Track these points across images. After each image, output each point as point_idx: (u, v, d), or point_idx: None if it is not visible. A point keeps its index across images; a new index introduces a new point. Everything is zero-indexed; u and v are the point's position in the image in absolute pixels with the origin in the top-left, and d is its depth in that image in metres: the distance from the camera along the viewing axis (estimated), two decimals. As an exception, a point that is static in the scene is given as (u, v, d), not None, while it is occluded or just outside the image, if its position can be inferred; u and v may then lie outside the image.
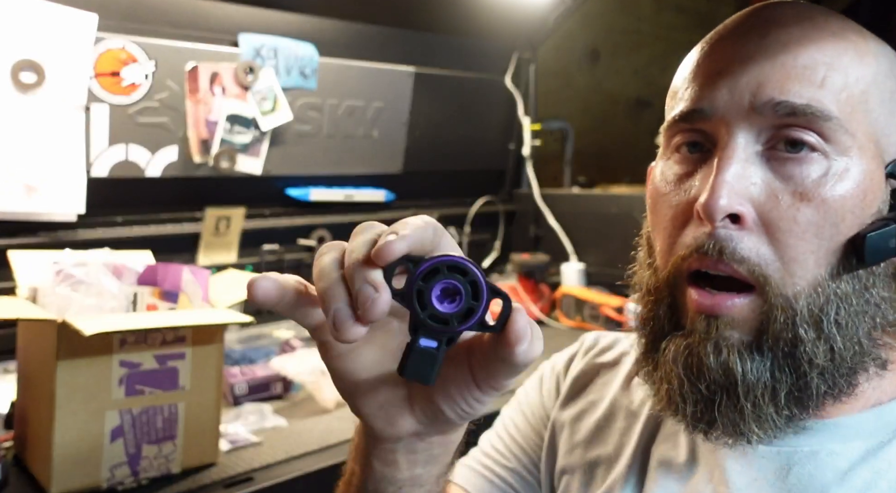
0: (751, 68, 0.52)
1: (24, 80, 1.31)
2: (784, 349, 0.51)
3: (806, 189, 0.51)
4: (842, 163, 0.51)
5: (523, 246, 2.19)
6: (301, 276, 0.45)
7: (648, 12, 3.11)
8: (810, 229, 0.51)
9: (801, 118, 0.51)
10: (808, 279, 0.51)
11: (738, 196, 0.51)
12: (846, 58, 0.52)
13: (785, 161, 0.52)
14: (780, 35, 0.52)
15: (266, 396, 1.34)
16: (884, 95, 0.53)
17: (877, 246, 0.51)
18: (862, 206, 0.51)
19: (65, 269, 1.05)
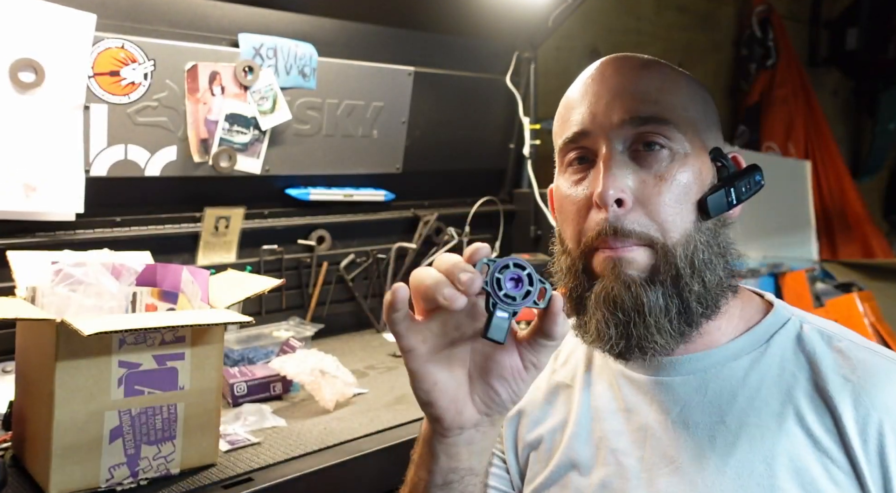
0: (613, 98, 0.76)
1: (23, 80, 1.31)
2: (671, 283, 0.73)
3: (662, 172, 0.74)
4: (681, 152, 0.75)
5: (523, 246, 2.19)
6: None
7: (648, 12, 3.11)
8: (671, 199, 0.74)
9: (649, 126, 0.75)
10: (679, 233, 0.74)
11: (619, 186, 0.73)
12: (668, 84, 0.78)
13: (645, 156, 0.75)
14: (625, 76, 0.78)
15: (265, 396, 1.33)
16: (697, 106, 0.78)
17: (715, 204, 0.75)
18: (700, 179, 0.76)
19: (64, 269, 1.05)
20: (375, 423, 1.22)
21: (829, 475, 0.70)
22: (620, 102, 0.76)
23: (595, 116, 0.76)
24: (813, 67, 4.02)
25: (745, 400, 0.75)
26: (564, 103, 0.82)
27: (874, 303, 2.39)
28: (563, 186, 0.79)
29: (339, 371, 1.34)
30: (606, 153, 0.75)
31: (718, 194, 0.75)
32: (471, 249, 0.65)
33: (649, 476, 0.76)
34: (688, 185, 0.74)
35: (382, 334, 1.85)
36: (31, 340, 1.02)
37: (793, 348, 0.77)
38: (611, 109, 0.76)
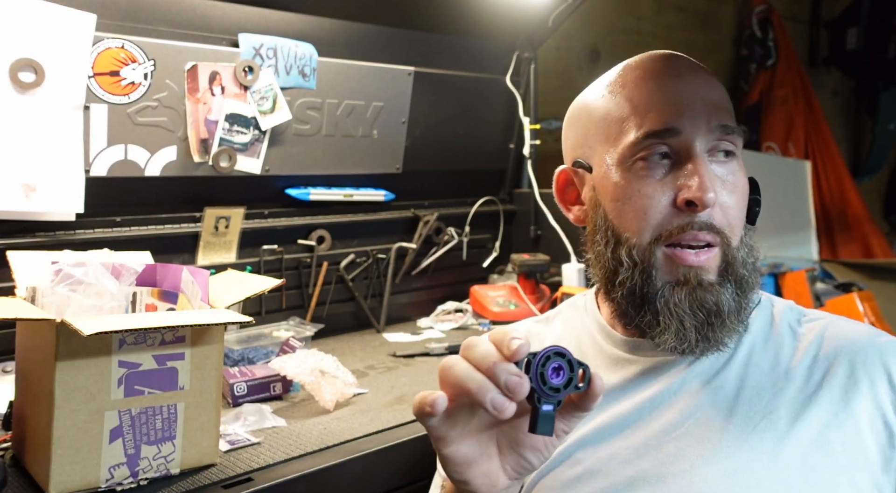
0: (705, 103, 0.79)
1: (23, 80, 1.31)
2: (736, 282, 0.79)
3: (733, 180, 0.80)
4: (741, 162, 0.82)
5: (523, 246, 2.19)
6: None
7: (648, 12, 3.11)
8: (736, 205, 0.80)
9: (730, 135, 0.80)
10: (737, 236, 0.80)
11: (716, 190, 0.77)
12: (726, 94, 0.83)
13: (722, 163, 0.80)
14: (704, 80, 0.82)
15: (265, 396, 1.33)
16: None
17: (755, 209, 0.84)
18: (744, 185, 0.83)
19: (64, 269, 1.05)
20: (375, 423, 1.22)
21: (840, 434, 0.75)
22: (712, 107, 0.79)
23: (688, 116, 0.78)
24: (813, 67, 4.02)
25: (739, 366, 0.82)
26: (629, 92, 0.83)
27: (874, 303, 2.39)
28: (633, 179, 0.80)
29: (339, 371, 1.34)
30: (700, 155, 0.78)
31: (753, 201, 0.84)
32: (511, 344, 0.60)
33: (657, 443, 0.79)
34: (746, 193, 0.82)
35: (382, 334, 1.85)
36: (31, 340, 1.02)
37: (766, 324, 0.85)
38: (705, 114, 0.79)
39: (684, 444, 0.78)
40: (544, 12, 2.08)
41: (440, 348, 1.66)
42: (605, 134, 0.83)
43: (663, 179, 0.79)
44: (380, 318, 1.89)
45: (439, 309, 1.97)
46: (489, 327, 1.91)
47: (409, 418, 1.25)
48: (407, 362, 1.61)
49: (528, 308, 1.94)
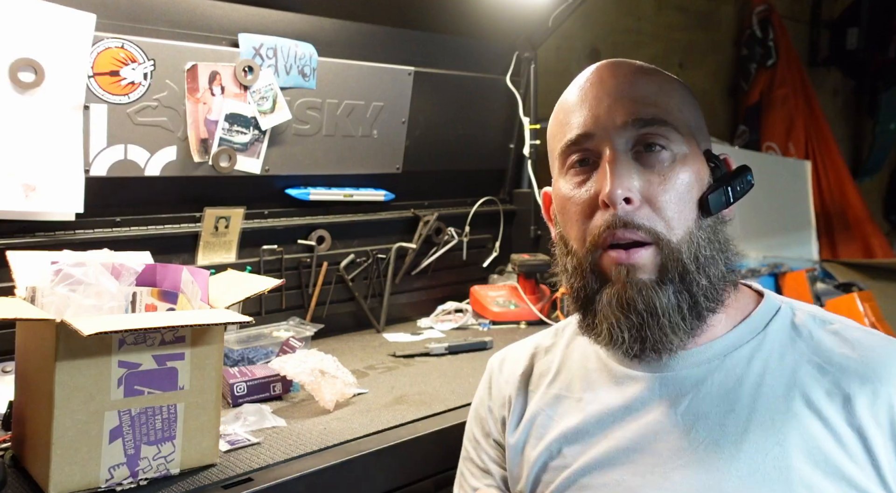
0: (614, 101, 0.79)
1: (22, 80, 1.31)
2: (679, 280, 0.76)
3: (664, 172, 0.78)
4: (680, 152, 0.79)
5: (523, 246, 2.19)
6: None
7: (648, 12, 3.10)
8: (673, 198, 0.77)
9: (650, 127, 0.78)
10: (683, 230, 0.77)
11: (626, 186, 0.76)
12: (664, 87, 0.82)
13: (647, 157, 0.78)
14: (623, 80, 0.81)
15: (265, 396, 1.33)
16: (690, 109, 0.82)
17: (715, 202, 0.80)
18: (699, 178, 0.80)
19: (63, 269, 1.05)
20: (375, 423, 1.22)
21: (843, 452, 0.72)
22: (622, 104, 0.79)
23: (597, 118, 0.79)
24: (813, 67, 4.02)
25: (751, 387, 0.77)
26: (561, 108, 0.85)
27: (874, 303, 2.39)
28: (565, 188, 0.82)
29: (339, 371, 1.34)
30: (611, 154, 0.77)
31: (717, 193, 0.79)
32: None
33: (664, 471, 0.77)
34: (689, 184, 0.78)
35: (382, 334, 1.85)
36: (31, 340, 1.02)
37: (789, 334, 0.80)
38: (613, 112, 0.78)
39: (691, 472, 0.75)
40: (544, 12, 2.08)
41: (440, 348, 1.65)
42: (551, 150, 0.87)
43: (587, 184, 0.80)
44: (380, 318, 1.89)
45: (439, 309, 1.97)
46: (489, 326, 1.91)
47: (409, 418, 1.25)
48: (407, 362, 1.61)
49: (528, 308, 1.94)
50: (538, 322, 1.94)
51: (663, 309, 0.75)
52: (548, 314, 1.97)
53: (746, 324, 0.82)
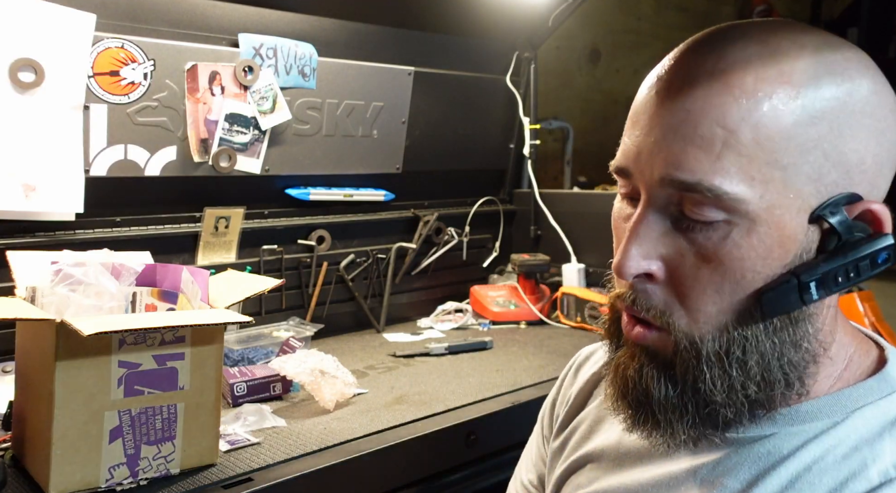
0: (658, 139, 0.56)
1: (22, 80, 1.31)
2: (689, 382, 0.58)
3: (707, 252, 0.56)
4: (744, 226, 0.54)
5: (523, 246, 2.19)
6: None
7: (649, 12, 3.11)
8: (711, 286, 0.56)
9: (696, 195, 0.54)
10: (712, 325, 0.57)
11: (647, 257, 0.58)
12: (756, 115, 0.53)
13: (691, 226, 0.56)
14: (688, 98, 0.55)
15: (265, 396, 1.33)
16: (806, 144, 0.54)
17: (774, 302, 0.56)
18: (766, 262, 0.55)
19: (63, 269, 1.05)
20: (375, 423, 1.22)
21: None
22: (665, 146, 0.55)
23: (639, 157, 0.58)
24: (813, 67, 4.02)
25: (784, 478, 0.58)
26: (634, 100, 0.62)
27: (874, 303, 2.39)
28: (616, 207, 0.65)
29: (339, 371, 1.34)
30: (641, 211, 0.58)
31: (781, 289, 0.55)
32: None
33: None
34: (740, 271, 0.55)
35: (382, 334, 1.85)
36: (31, 340, 1.02)
37: (879, 429, 0.57)
38: (654, 155, 0.56)
39: None
40: (544, 12, 2.08)
41: (440, 348, 1.66)
42: None
43: (631, 219, 0.60)
44: (380, 318, 1.89)
45: (439, 309, 1.97)
46: (489, 326, 1.91)
47: (409, 418, 1.25)
48: (407, 362, 1.61)
49: (528, 308, 1.94)
50: (538, 322, 1.94)
51: (661, 406, 0.59)
52: (548, 314, 1.97)
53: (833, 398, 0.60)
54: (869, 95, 0.55)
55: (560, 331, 1.88)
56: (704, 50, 0.56)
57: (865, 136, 0.55)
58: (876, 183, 0.56)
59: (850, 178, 0.55)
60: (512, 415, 1.32)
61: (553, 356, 1.61)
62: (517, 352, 1.67)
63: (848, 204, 0.55)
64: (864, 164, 0.55)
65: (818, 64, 0.54)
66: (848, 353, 0.62)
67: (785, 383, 0.57)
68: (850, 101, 0.54)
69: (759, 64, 0.54)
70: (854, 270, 0.55)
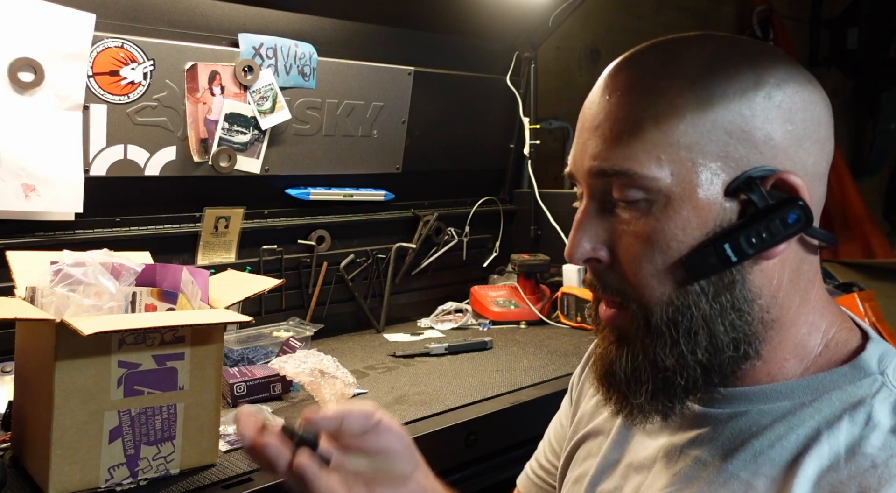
0: (587, 140, 0.65)
1: (22, 80, 1.31)
2: (644, 352, 0.63)
3: (636, 228, 0.62)
4: (661, 201, 0.61)
5: (523, 246, 2.19)
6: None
7: (649, 11, 3.10)
8: (645, 259, 0.62)
9: (614, 178, 0.62)
10: (656, 296, 0.62)
11: (591, 241, 0.65)
12: (655, 106, 0.61)
13: (622, 208, 0.63)
14: (605, 103, 0.64)
15: (265, 396, 1.33)
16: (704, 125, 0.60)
17: (695, 266, 0.61)
18: (686, 231, 0.61)
19: (63, 269, 1.05)
20: (375, 423, 1.22)
21: None
22: (589, 146, 0.64)
23: (575, 159, 0.67)
24: (813, 67, 4.02)
25: (750, 453, 0.62)
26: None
27: (875, 303, 2.39)
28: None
29: (339, 371, 1.34)
30: (583, 207, 0.66)
31: (700, 253, 0.60)
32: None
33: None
34: (664, 241, 0.61)
35: (382, 334, 1.85)
36: (31, 340, 1.02)
37: (840, 411, 0.61)
38: (583, 154, 0.65)
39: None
40: (544, 12, 2.08)
41: (440, 348, 1.65)
42: None
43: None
44: (380, 318, 1.89)
45: (439, 309, 1.97)
46: (489, 326, 1.91)
47: (409, 417, 1.24)
48: (407, 362, 1.61)
49: (528, 308, 1.94)
50: (538, 322, 1.94)
51: (621, 378, 0.64)
52: (548, 314, 1.97)
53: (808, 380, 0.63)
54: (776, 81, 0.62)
55: (560, 331, 1.88)
56: (621, 65, 0.66)
57: (770, 115, 0.61)
58: (796, 156, 0.62)
59: (761, 152, 0.60)
60: (512, 415, 1.32)
61: (553, 356, 1.61)
62: (517, 352, 1.67)
63: (762, 177, 0.60)
64: (773, 140, 0.60)
65: (714, 59, 0.62)
66: (825, 339, 0.66)
67: (733, 348, 0.62)
68: (747, 86, 0.61)
69: (659, 65, 0.63)
70: (766, 231, 0.60)
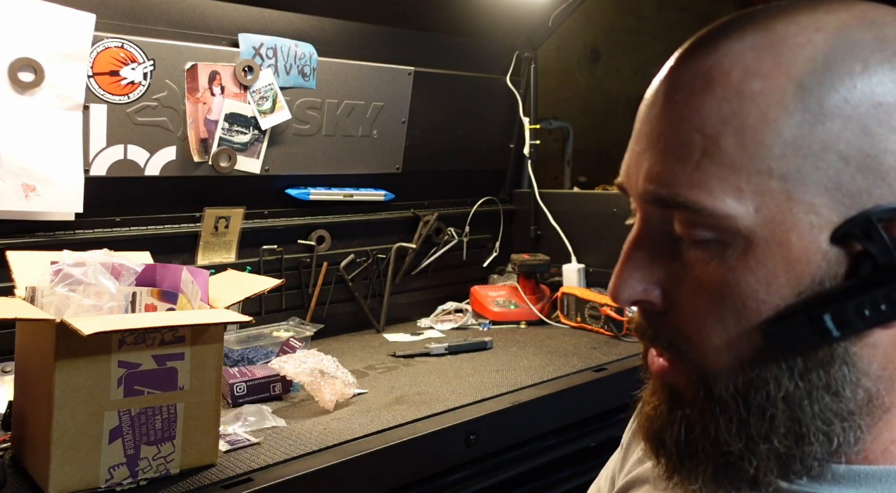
0: (641, 150, 0.49)
1: (22, 80, 1.31)
2: (703, 426, 0.49)
3: (702, 276, 0.47)
4: (739, 246, 0.46)
5: (523, 246, 2.19)
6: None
7: (649, 12, 3.10)
8: (712, 316, 0.48)
9: (680, 212, 0.47)
10: (723, 361, 0.48)
11: (642, 281, 0.50)
12: (741, 117, 0.45)
13: (686, 247, 0.48)
14: (673, 104, 0.48)
15: (265, 396, 1.33)
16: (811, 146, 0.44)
17: (780, 337, 0.46)
18: (771, 288, 0.46)
19: (63, 269, 1.05)
20: (375, 423, 1.22)
21: None
22: (648, 159, 0.49)
23: (628, 170, 0.52)
24: (813, 67, 4.02)
25: None
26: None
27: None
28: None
29: (339, 371, 1.34)
30: (635, 232, 0.51)
31: (789, 322, 0.45)
32: None
33: None
34: (740, 298, 0.46)
35: (382, 334, 1.85)
36: (31, 340, 1.02)
37: None
38: (638, 169, 0.50)
39: None
40: (544, 12, 2.08)
41: (440, 348, 1.65)
42: None
43: None
44: (380, 318, 1.89)
45: (439, 309, 1.97)
46: (489, 326, 1.91)
47: (409, 418, 1.24)
48: (407, 362, 1.61)
49: (528, 308, 1.94)
50: (538, 322, 1.94)
51: (669, 446, 0.51)
52: (548, 314, 1.97)
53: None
54: None
55: (560, 331, 1.88)
56: (697, 47, 0.49)
57: None
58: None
59: (889, 185, 0.44)
60: (512, 415, 1.32)
61: (553, 356, 1.61)
62: (517, 352, 1.67)
63: (888, 219, 0.44)
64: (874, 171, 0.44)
65: (834, 47, 0.44)
66: None
67: (825, 439, 0.47)
68: (881, 91, 0.43)
69: (752, 56, 0.45)
70: (887, 301, 0.44)
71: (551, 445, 1.38)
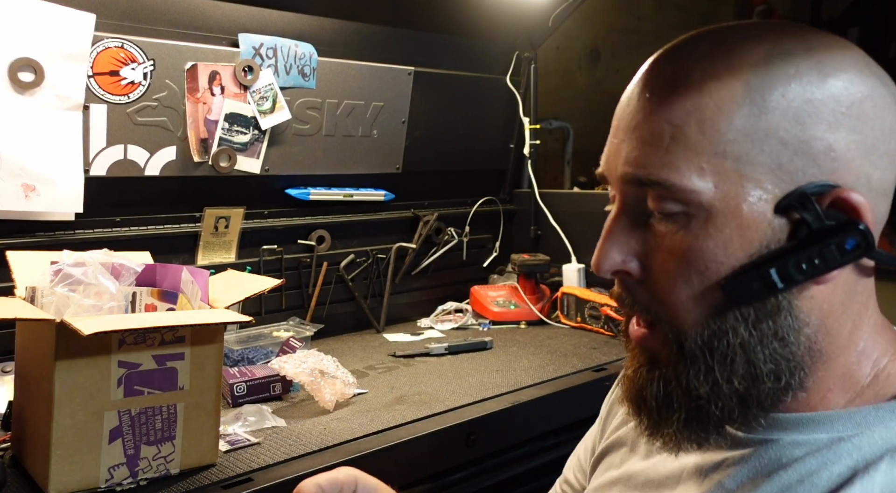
0: (620, 141, 0.59)
1: (22, 80, 1.31)
2: (676, 378, 0.58)
3: (672, 244, 0.57)
4: (701, 216, 0.55)
5: (523, 246, 2.19)
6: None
7: (649, 12, 3.10)
8: (680, 278, 0.57)
9: (654, 189, 0.56)
10: (691, 318, 0.57)
11: (620, 253, 0.59)
12: (701, 109, 0.55)
13: (657, 220, 0.58)
14: (645, 101, 0.57)
15: (265, 396, 1.33)
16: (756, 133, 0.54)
17: (736, 291, 0.55)
18: (727, 252, 0.55)
19: (63, 269, 1.05)
20: (375, 423, 1.22)
21: None
22: (623, 148, 0.58)
23: (608, 160, 0.61)
24: (813, 67, 4.02)
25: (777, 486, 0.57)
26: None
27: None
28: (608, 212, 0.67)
29: (339, 371, 1.34)
30: (614, 211, 0.60)
31: (743, 278, 0.55)
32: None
33: None
34: (702, 261, 0.55)
35: (382, 334, 1.85)
36: (31, 340, 1.02)
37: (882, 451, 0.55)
38: (617, 157, 0.59)
39: None
40: (544, 12, 2.08)
41: (440, 348, 1.65)
42: None
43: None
44: (380, 318, 1.89)
45: (439, 309, 1.97)
46: (489, 326, 1.91)
47: (409, 418, 1.24)
48: (407, 362, 1.61)
49: (528, 308, 1.94)
50: (538, 322, 1.94)
51: (650, 402, 0.60)
52: (548, 314, 1.97)
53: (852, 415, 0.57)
54: (844, 84, 0.55)
55: (560, 331, 1.88)
56: (665, 56, 0.59)
57: (834, 123, 0.54)
58: (860, 171, 0.54)
59: (819, 165, 0.54)
60: (512, 415, 1.32)
61: (553, 356, 1.61)
62: (517, 352, 1.67)
63: (818, 193, 0.54)
64: (834, 151, 0.53)
65: (773, 55, 0.55)
66: (875, 369, 0.59)
67: (774, 378, 0.56)
68: (810, 89, 0.54)
69: (708, 61, 0.56)
70: (819, 256, 0.53)
71: (551, 445, 1.38)
